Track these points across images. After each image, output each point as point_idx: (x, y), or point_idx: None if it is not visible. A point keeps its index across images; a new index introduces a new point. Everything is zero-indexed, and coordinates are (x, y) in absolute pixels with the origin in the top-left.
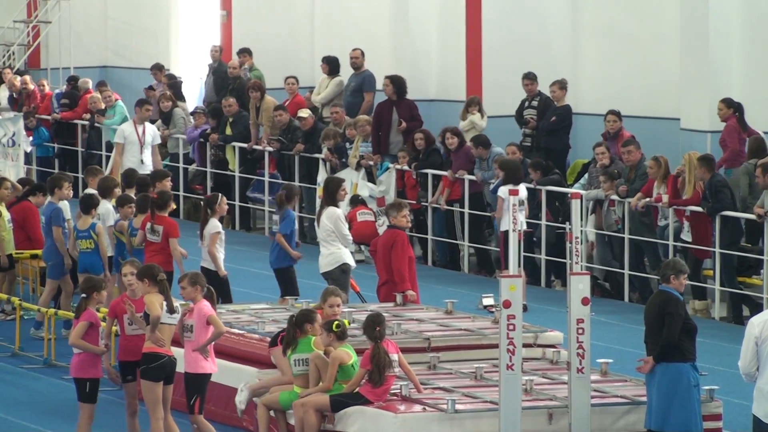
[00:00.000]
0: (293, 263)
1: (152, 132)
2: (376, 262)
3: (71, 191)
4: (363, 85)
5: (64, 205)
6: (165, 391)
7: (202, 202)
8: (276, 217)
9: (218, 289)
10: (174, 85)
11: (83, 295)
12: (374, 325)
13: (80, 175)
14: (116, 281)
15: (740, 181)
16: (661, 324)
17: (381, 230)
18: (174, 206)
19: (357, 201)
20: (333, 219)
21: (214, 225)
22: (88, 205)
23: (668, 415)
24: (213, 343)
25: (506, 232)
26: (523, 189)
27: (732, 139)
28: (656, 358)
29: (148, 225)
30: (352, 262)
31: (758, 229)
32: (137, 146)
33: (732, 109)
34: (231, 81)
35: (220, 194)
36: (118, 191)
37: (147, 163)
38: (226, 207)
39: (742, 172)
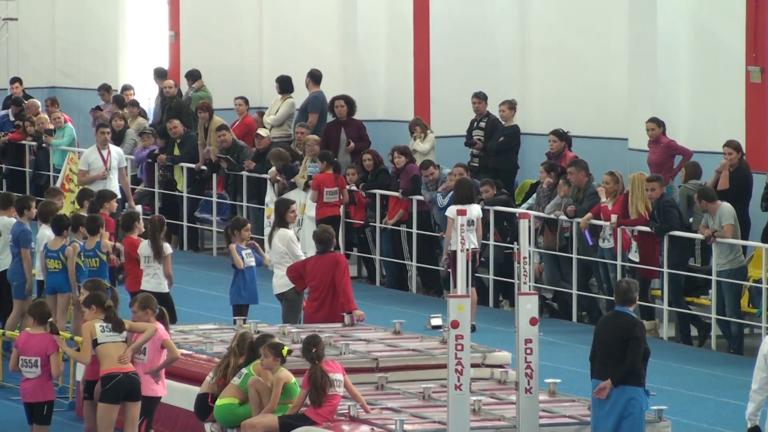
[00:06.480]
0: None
1: (117, 155)
2: (312, 287)
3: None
4: (308, 105)
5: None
6: (129, 409)
7: (149, 224)
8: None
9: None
10: (136, 104)
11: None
12: (310, 347)
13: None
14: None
15: (680, 202)
16: (622, 347)
17: None
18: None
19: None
20: (285, 241)
21: (167, 246)
22: (60, 227)
23: None
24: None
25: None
26: (475, 208)
27: (686, 151)
28: (616, 382)
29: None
30: None
31: (707, 249)
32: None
33: (661, 128)
34: (167, 101)
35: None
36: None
37: (115, 189)
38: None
39: (681, 194)
